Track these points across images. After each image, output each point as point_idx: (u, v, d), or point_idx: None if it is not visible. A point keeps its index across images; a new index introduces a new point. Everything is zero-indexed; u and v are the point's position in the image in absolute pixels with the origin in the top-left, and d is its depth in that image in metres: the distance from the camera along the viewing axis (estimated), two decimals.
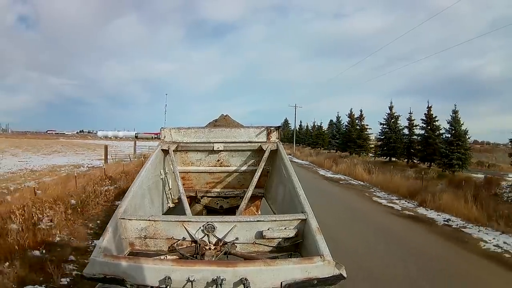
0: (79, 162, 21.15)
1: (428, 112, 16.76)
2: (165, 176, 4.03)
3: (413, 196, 10.57)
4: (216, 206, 4.59)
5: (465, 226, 7.80)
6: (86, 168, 17.25)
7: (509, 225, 7.48)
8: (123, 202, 2.75)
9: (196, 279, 1.85)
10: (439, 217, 8.53)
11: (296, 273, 1.90)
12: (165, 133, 4.10)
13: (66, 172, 15.25)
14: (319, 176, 17.37)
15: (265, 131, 4.09)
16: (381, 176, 13.57)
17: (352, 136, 24.15)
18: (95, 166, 17.56)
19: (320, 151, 32.64)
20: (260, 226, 2.51)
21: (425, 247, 6.26)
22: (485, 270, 5.18)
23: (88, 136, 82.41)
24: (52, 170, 16.84)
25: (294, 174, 3.14)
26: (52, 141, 56.88)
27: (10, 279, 4.13)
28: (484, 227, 7.65)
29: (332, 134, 32.39)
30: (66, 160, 22.56)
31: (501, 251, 6.18)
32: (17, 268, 4.44)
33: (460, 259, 5.72)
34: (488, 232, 7.32)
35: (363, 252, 5.73)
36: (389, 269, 5.03)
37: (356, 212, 9.03)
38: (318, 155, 28.36)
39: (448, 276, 4.86)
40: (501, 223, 7.50)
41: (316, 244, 2.14)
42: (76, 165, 18.53)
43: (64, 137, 74.73)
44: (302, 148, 39.48)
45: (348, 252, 5.42)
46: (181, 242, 2.51)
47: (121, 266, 1.94)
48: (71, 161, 22.07)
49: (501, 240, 6.68)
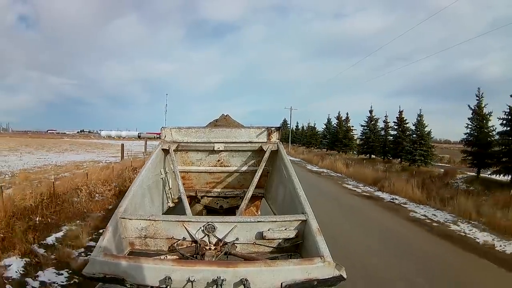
0: (95, 158, 23.29)
1: (400, 115, 19.50)
2: (166, 176, 4.03)
3: (375, 184, 13.31)
4: (216, 206, 4.61)
5: (406, 203, 10.49)
6: (105, 163, 19.54)
7: (442, 203, 10.17)
8: (123, 201, 2.74)
9: (197, 279, 1.86)
10: (388, 197, 11.24)
11: (296, 274, 1.90)
12: (166, 133, 4.11)
13: (89, 166, 17.30)
14: (306, 170, 20.09)
15: (265, 132, 4.10)
16: (355, 169, 16.30)
17: (339, 136, 27.05)
18: (112, 162, 19.79)
19: (312, 150, 35.36)
20: (260, 227, 2.52)
21: (369, 213, 8.96)
22: (405, 227, 7.77)
23: (91, 136, 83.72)
24: (76, 164, 19.10)
25: (294, 175, 3.15)
26: (57, 140, 58.33)
27: (89, 226, 6.74)
28: (423, 205, 10.32)
29: (323, 134, 35.14)
30: (82, 157, 24.62)
31: (424, 217, 8.84)
32: (90, 222, 7.08)
33: (390, 220, 8.39)
34: (423, 208, 9.99)
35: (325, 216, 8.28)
36: (339, 220, 7.82)
37: (327, 194, 11.67)
38: (310, 153, 31.06)
39: (377, 228, 7.46)
40: (437, 202, 10.18)
41: (316, 245, 2.16)
42: (95, 161, 20.81)
43: (67, 137, 76.12)
44: (297, 147, 41.97)
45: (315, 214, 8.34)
46: (181, 242, 2.52)
47: (121, 265, 1.94)
48: (87, 158, 24.17)
49: (429, 213, 9.33)
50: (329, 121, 34.12)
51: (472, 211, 8.87)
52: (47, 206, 7.15)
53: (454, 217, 8.76)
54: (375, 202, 10.51)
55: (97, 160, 21.70)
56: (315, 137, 38.56)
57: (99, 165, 18.07)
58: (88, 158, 24.17)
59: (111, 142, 52.89)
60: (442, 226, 7.82)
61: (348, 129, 27.29)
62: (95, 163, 19.78)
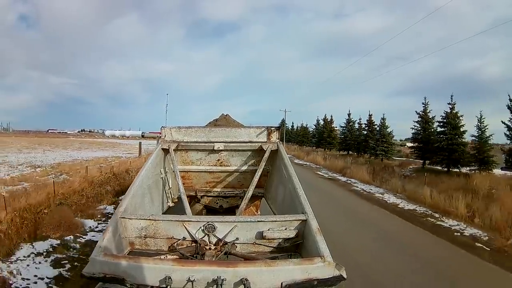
0: (114, 155, 26.09)
1: (369, 118, 23.71)
2: (165, 175, 4.02)
3: (341, 171, 17.41)
4: (216, 205, 4.60)
5: (356, 182, 14.53)
6: (126, 158, 22.81)
7: (382, 183, 14.20)
8: (124, 201, 2.76)
9: (197, 279, 1.86)
10: (345, 179, 15.33)
11: (296, 273, 1.92)
12: (166, 132, 4.09)
13: (113, 161, 19.78)
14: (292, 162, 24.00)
15: (265, 131, 4.08)
16: (330, 162, 20.42)
17: (324, 136, 31.13)
18: (130, 158, 22.76)
19: (304, 148, 39.27)
20: (260, 227, 2.54)
21: (326, 188, 13.02)
22: (345, 194, 11.83)
23: (95, 135, 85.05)
24: (102, 159, 21.88)
25: (294, 175, 3.26)
26: (65, 139, 59.69)
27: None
28: (368, 184, 14.34)
29: (313, 134, 39.23)
30: (101, 154, 27.36)
31: (361, 190, 12.83)
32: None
33: (337, 191, 12.47)
34: (366, 185, 13.99)
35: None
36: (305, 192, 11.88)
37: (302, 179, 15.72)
38: (300, 150, 35.09)
39: (327, 194, 11.44)
40: (377, 182, 14.22)
41: (316, 245, 2.19)
42: (116, 157, 23.71)
43: (73, 136, 77.18)
44: (291, 145, 45.59)
45: None
46: (181, 242, 2.54)
47: (121, 265, 1.95)
48: (106, 154, 26.77)
49: (367, 188, 13.31)
50: (318, 122, 38.24)
51: (399, 187, 12.91)
52: (111, 180, 11.11)
53: (385, 191, 12.80)
54: (334, 182, 14.61)
55: (118, 156, 24.50)
56: (306, 136, 42.65)
57: (123, 159, 20.44)
58: (107, 154, 26.71)
59: (117, 141, 54.96)
60: (370, 194, 11.87)
61: (332, 129, 31.53)
62: (117, 158, 22.73)
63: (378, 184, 13.93)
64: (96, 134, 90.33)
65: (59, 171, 15.16)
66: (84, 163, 18.87)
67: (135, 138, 66.93)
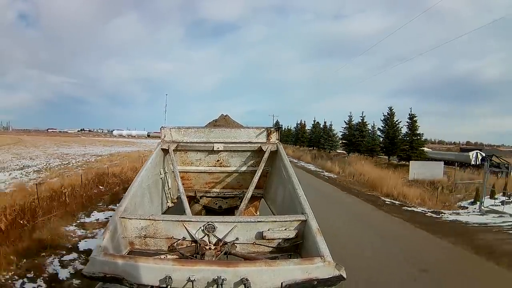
0: (140, 149, 29.24)
1: (324, 123, 33.85)
2: (165, 176, 4.07)
3: (298, 158, 26.67)
4: (215, 206, 4.65)
5: (302, 162, 23.85)
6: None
7: (315, 162, 23.82)
8: (123, 201, 2.75)
9: (197, 279, 1.88)
10: (296, 161, 24.42)
11: (296, 273, 1.94)
12: (165, 132, 4.13)
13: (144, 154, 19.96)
14: None
15: (265, 132, 4.12)
16: (295, 153, 29.90)
17: (299, 136, 41.27)
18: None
19: (299, 148, 41.57)
20: (260, 227, 2.55)
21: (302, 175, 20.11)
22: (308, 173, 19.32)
23: (102, 135, 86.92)
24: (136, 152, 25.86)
25: (294, 175, 3.18)
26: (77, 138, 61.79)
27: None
28: (308, 163, 23.81)
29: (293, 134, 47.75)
30: (128, 149, 30.99)
31: (301, 165, 21.99)
32: None
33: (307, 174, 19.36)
34: (306, 164, 23.04)
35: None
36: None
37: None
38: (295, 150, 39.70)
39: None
40: (314, 162, 23.93)
41: (316, 245, 2.19)
42: (147, 150, 26.78)
43: (83, 135, 77.88)
44: (288, 146, 48.64)
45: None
46: (181, 242, 2.54)
47: (121, 265, 1.95)
48: (134, 149, 30.33)
49: (306, 164, 22.64)
50: (297, 125, 46.71)
51: (321, 164, 22.74)
52: None
53: (313, 165, 22.29)
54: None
55: (146, 150, 27.24)
56: (289, 136, 48.52)
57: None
58: (135, 149, 30.41)
59: (131, 140, 58.26)
60: (303, 166, 21.41)
61: (304, 131, 41.46)
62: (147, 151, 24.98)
63: (313, 163, 23.74)
64: (103, 134, 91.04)
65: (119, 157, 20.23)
66: (126, 154, 23.54)
67: (142, 138, 70.41)
